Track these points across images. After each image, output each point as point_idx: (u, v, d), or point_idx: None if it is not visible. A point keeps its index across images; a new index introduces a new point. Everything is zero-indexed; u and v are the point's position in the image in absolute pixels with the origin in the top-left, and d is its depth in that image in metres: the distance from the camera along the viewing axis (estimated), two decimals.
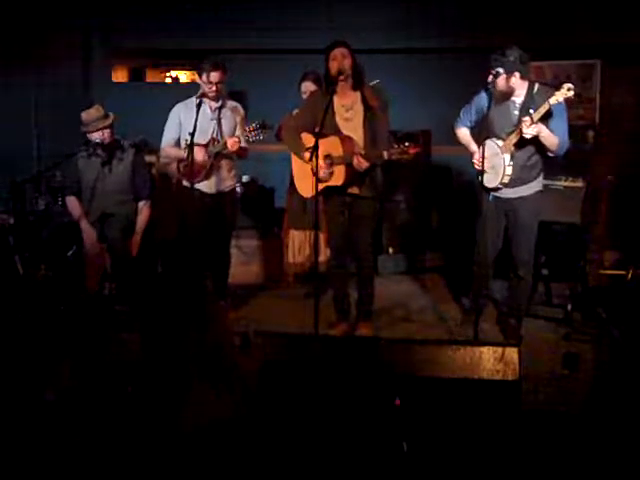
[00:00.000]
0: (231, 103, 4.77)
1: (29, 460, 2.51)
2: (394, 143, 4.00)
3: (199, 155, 4.51)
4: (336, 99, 4.12)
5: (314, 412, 2.77)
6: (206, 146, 4.58)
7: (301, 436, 2.62)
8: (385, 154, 3.90)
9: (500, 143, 4.07)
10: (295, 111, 4.74)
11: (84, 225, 4.71)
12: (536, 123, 3.85)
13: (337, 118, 4.14)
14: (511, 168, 4.02)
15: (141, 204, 4.83)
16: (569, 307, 4.54)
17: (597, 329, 4.28)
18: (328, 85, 4.09)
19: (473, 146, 4.32)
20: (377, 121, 4.08)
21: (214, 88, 4.53)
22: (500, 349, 2.94)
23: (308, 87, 4.94)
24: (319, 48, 4.24)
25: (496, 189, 4.18)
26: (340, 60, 4.02)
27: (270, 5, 6.56)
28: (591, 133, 6.32)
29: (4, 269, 4.73)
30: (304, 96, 4.91)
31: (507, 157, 4.03)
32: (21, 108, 6.52)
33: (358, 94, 4.13)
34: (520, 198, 4.17)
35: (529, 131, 3.87)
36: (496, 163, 4.09)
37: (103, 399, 2.72)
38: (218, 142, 4.57)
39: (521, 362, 2.91)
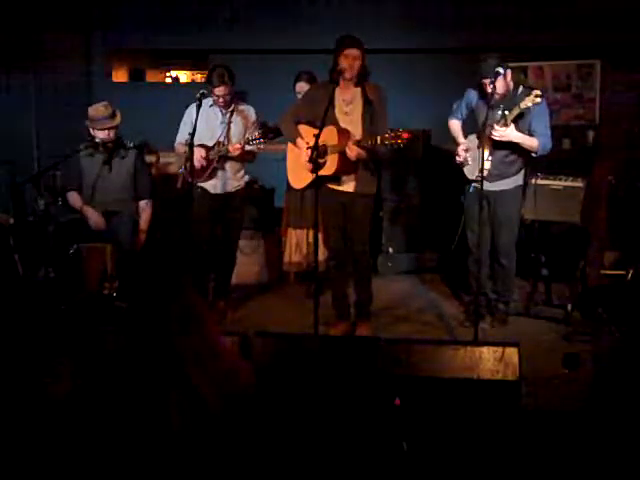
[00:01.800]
0: (243, 107, 4.80)
1: (29, 459, 2.51)
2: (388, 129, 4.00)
3: (202, 156, 4.56)
4: (338, 93, 4.16)
5: (314, 412, 2.77)
6: (211, 148, 4.63)
7: (300, 436, 2.62)
8: (378, 139, 3.91)
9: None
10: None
11: (87, 210, 4.72)
12: (508, 125, 4.10)
13: (337, 111, 4.17)
14: (489, 163, 4.25)
15: (143, 203, 4.84)
16: (569, 307, 4.54)
17: (597, 329, 4.28)
18: (332, 79, 4.11)
19: (460, 139, 4.54)
20: (375, 114, 4.11)
21: (221, 100, 4.61)
22: (500, 349, 2.94)
23: (302, 87, 4.98)
24: (319, 48, 4.25)
25: (476, 180, 4.36)
26: (351, 61, 4.06)
27: (270, 5, 6.56)
28: (591, 133, 6.33)
29: (4, 269, 4.72)
30: (299, 96, 4.93)
31: (486, 152, 4.23)
32: (21, 108, 6.51)
33: (359, 89, 4.17)
34: (501, 192, 4.40)
35: (496, 134, 4.15)
36: (476, 156, 4.30)
37: (103, 398, 2.72)
38: (223, 145, 4.61)
39: (521, 362, 2.91)
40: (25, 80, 6.56)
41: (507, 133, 4.13)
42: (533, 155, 4.29)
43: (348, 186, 4.22)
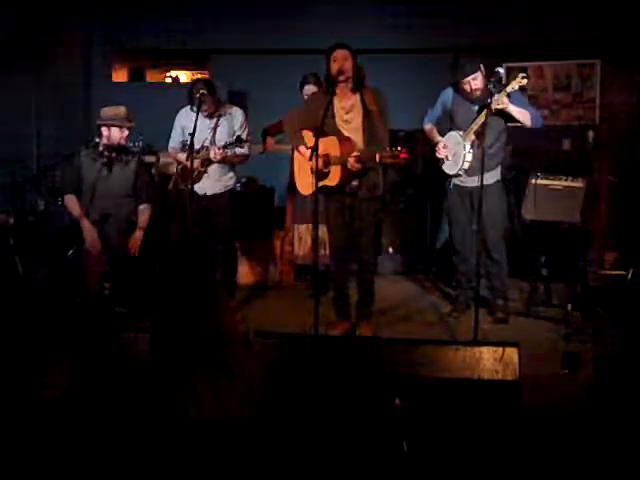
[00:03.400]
0: (231, 110, 4.83)
1: (29, 460, 2.51)
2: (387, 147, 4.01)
3: (187, 160, 4.58)
4: (336, 101, 4.14)
5: (313, 412, 2.77)
6: (197, 152, 4.66)
7: (300, 436, 2.62)
8: (377, 156, 3.90)
9: (461, 133, 4.44)
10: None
11: (85, 224, 4.68)
12: (501, 103, 4.28)
13: (337, 120, 4.16)
14: (471, 155, 4.40)
15: (142, 207, 4.83)
16: (569, 307, 4.55)
17: (597, 329, 4.28)
18: (328, 86, 4.11)
19: (437, 138, 4.66)
20: (376, 124, 4.09)
21: (204, 112, 4.68)
22: (500, 349, 2.94)
23: (312, 90, 4.93)
24: (319, 48, 4.24)
25: (457, 175, 4.53)
26: (341, 61, 4.04)
27: (270, 5, 6.56)
28: (591, 133, 6.33)
29: (4, 269, 4.72)
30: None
31: (467, 145, 4.41)
32: (21, 108, 6.51)
33: (357, 96, 4.15)
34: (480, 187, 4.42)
35: (498, 106, 4.24)
36: (457, 151, 4.47)
37: (103, 399, 2.72)
38: (207, 150, 4.65)
39: (521, 362, 2.91)
40: (25, 80, 6.56)
41: (505, 103, 4.26)
42: (529, 125, 4.40)
43: (352, 189, 4.22)
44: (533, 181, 4.88)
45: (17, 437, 2.66)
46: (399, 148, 3.83)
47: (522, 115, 4.37)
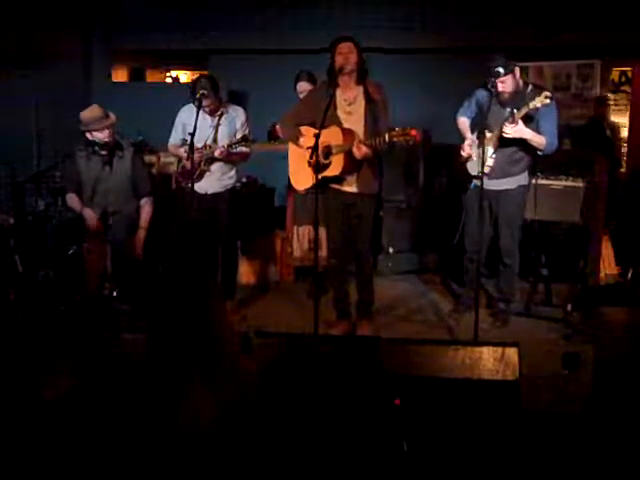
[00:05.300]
0: (233, 109, 4.83)
1: (29, 460, 2.51)
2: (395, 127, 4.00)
3: (188, 159, 4.58)
4: (339, 93, 4.16)
5: (314, 412, 2.77)
6: (200, 151, 4.66)
7: (300, 436, 2.62)
8: (386, 136, 3.89)
9: (488, 135, 4.28)
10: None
11: (86, 211, 4.72)
12: (516, 123, 4.13)
13: (339, 111, 4.16)
14: (492, 160, 4.32)
15: (143, 201, 4.86)
16: (569, 307, 4.55)
17: (597, 329, 4.28)
18: (332, 79, 4.11)
19: (468, 134, 4.57)
20: (378, 114, 4.11)
21: (207, 108, 4.65)
22: (500, 349, 2.94)
23: (304, 87, 4.99)
24: (319, 48, 4.25)
25: (477, 177, 4.38)
26: (346, 54, 4.06)
27: (270, 5, 6.56)
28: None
29: (4, 269, 4.72)
30: (300, 96, 4.95)
31: (490, 149, 4.31)
32: (21, 108, 6.51)
33: (361, 88, 4.17)
34: (504, 191, 4.42)
35: (508, 131, 4.17)
36: (481, 152, 4.30)
37: (103, 399, 2.72)
38: (210, 148, 4.64)
39: (521, 362, 2.91)
40: (25, 80, 6.55)
41: (519, 128, 4.15)
42: (539, 153, 4.31)
43: (351, 186, 4.22)
44: (533, 181, 4.87)
45: (17, 437, 2.66)
46: (408, 127, 3.83)
47: (537, 140, 4.22)
